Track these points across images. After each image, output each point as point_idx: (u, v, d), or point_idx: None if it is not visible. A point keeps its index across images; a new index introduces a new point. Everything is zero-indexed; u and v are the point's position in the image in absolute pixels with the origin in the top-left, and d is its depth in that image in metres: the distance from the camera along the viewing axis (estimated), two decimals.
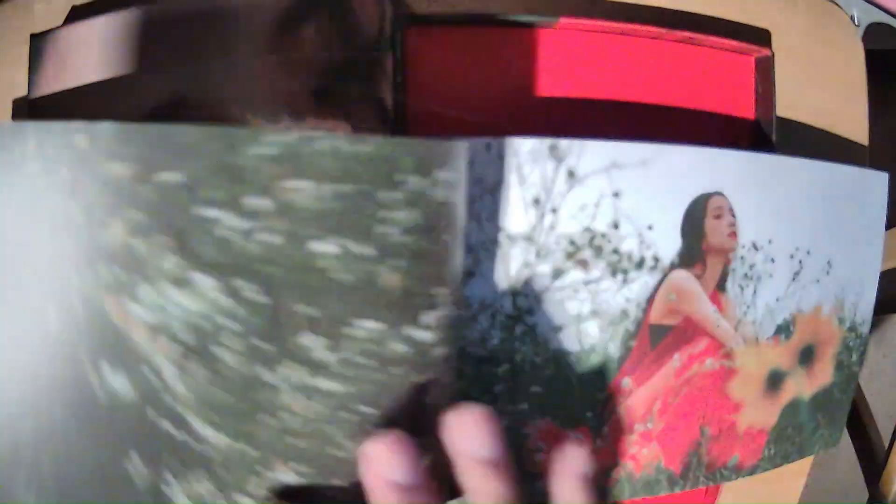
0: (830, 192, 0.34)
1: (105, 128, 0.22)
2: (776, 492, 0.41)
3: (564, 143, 0.28)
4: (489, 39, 0.35)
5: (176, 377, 0.23)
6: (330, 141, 0.23)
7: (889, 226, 0.39)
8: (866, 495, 0.55)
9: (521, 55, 0.35)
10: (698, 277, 0.32)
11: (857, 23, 0.44)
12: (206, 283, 0.23)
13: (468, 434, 0.23)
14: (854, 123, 0.39)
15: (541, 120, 0.35)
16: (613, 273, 0.30)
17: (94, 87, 0.33)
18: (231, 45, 0.32)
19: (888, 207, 0.37)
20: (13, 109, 0.35)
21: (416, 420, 0.25)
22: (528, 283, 0.29)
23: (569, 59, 0.36)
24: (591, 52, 0.36)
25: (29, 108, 0.33)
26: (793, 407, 0.35)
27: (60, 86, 0.33)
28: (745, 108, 0.38)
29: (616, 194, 0.29)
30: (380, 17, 0.33)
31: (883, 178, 0.36)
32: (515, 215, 0.28)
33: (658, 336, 0.31)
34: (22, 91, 0.34)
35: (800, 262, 0.34)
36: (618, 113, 0.36)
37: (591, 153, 0.29)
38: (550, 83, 0.36)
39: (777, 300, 0.33)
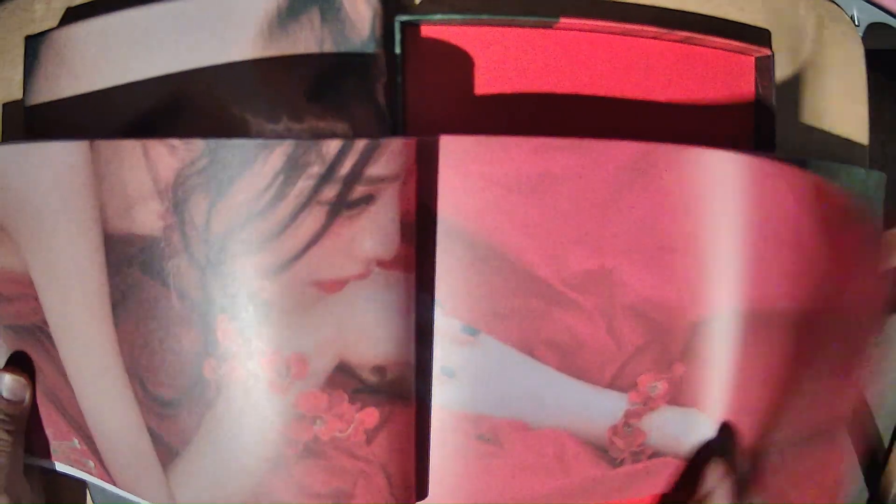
0: None
1: None
2: None
3: None
4: (489, 39, 0.35)
5: None
6: None
7: (889, 226, 0.38)
8: (866, 495, 0.54)
9: (520, 55, 0.35)
10: None
11: (857, 23, 0.44)
12: None
13: None
14: (854, 123, 0.39)
15: (540, 120, 0.35)
16: None
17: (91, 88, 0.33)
18: (230, 46, 0.32)
19: (888, 207, 0.37)
20: (13, 110, 0.35)
21: None
22: None
23: (569, 59, 0.36)
24: (591, 52, 0.36)
25: (25, 110, 0.33)
26: None
27: (57, 87, 0.33)
28: (745, 108, 0.38)
29: None
30: (378, 16, 0.33)
31: (882, 178, 0.36)
32: None
33: None
34: (21, 91, 0.34)
35: None
36: (618, 113, 0.36)
37: None
38: (550, 83, 0.35)
39: None
